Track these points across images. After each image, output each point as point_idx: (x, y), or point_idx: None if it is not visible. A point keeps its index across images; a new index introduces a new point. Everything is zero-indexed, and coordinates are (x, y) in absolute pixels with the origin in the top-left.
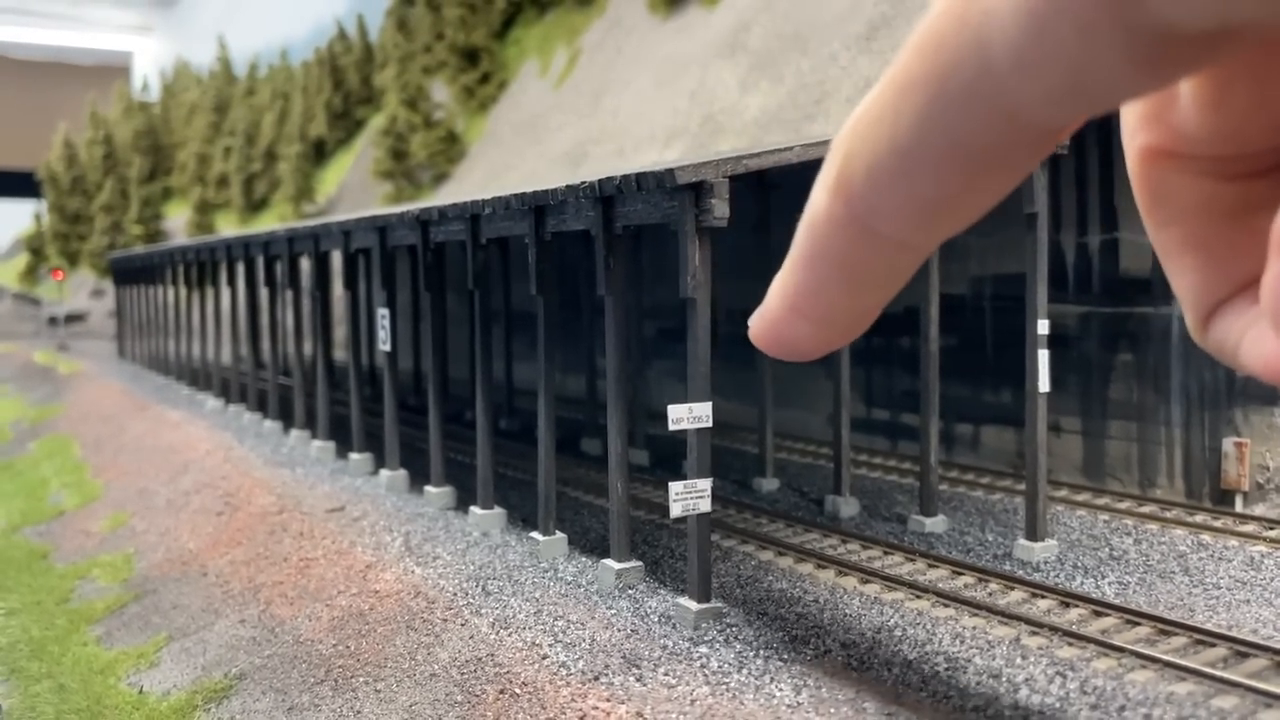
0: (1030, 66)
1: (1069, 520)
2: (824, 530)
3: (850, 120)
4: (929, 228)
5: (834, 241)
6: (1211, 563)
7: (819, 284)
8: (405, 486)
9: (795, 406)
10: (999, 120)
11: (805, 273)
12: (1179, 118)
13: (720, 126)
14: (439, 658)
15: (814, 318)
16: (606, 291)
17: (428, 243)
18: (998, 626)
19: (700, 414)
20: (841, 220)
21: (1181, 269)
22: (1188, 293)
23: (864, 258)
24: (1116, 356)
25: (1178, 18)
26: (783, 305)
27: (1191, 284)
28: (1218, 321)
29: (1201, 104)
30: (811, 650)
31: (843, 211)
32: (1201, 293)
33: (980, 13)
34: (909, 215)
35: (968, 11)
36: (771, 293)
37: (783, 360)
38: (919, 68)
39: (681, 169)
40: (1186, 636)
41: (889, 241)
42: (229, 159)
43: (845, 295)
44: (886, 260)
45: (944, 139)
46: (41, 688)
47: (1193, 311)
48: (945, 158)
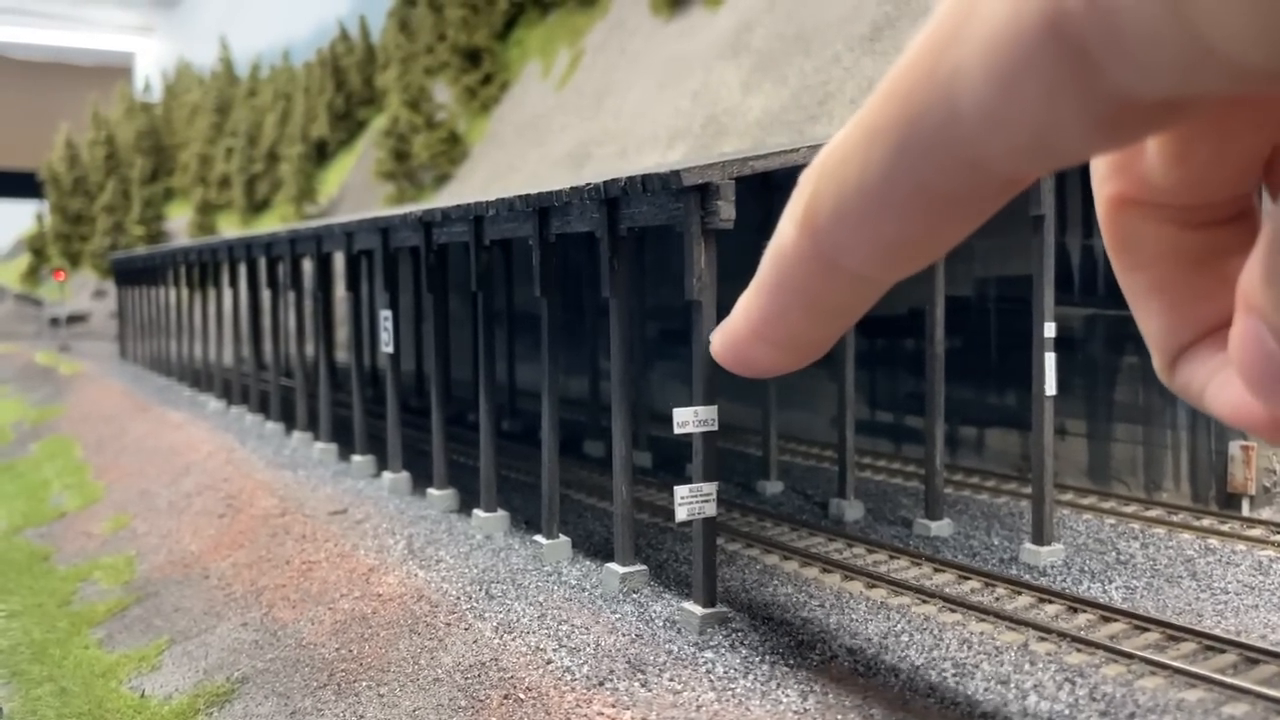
0: (996, 122)
1: (1075, 524)
2: (829, 534)
3: (818, 158)
4: (890, 265)
5: (798, 272)
6: (1219, 567)
7: (781, 311)
8: (408, 489)
9: (798, 408)
10: (964, 169)
11: (769, 299)
12: (1145, 168)
13: (723, 128)
14: (442, 662)
15: (774, 341)
16: (611, 294)
17: (430, 244)
18: (1005, 632)
19: (706, 417)
20: (806, 253)
21: (1149, 312)
22: (1155, 336)
23: (826, 290)
24: (1122, 359)
25: (1137, 87)
26: (745, 328)
27: (1159, 327)
28: (1184, 365)
29: (1166, 157)
30: (818, 655)
31: (808, 245)
32: (1168, 336)
33: (950, 68)
34: (871, 253)
35: (938, 65)
36: (735, 313)
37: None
38: (888, 113)
39: (687, 170)
40: (1195, 642)
41: (851, 276)
42: (231, 160)
43: (806, 323)
44: (847, 293)
45: (909, 183)
46: (43, 691)
47: (1160, 354)
48: (910, 201)
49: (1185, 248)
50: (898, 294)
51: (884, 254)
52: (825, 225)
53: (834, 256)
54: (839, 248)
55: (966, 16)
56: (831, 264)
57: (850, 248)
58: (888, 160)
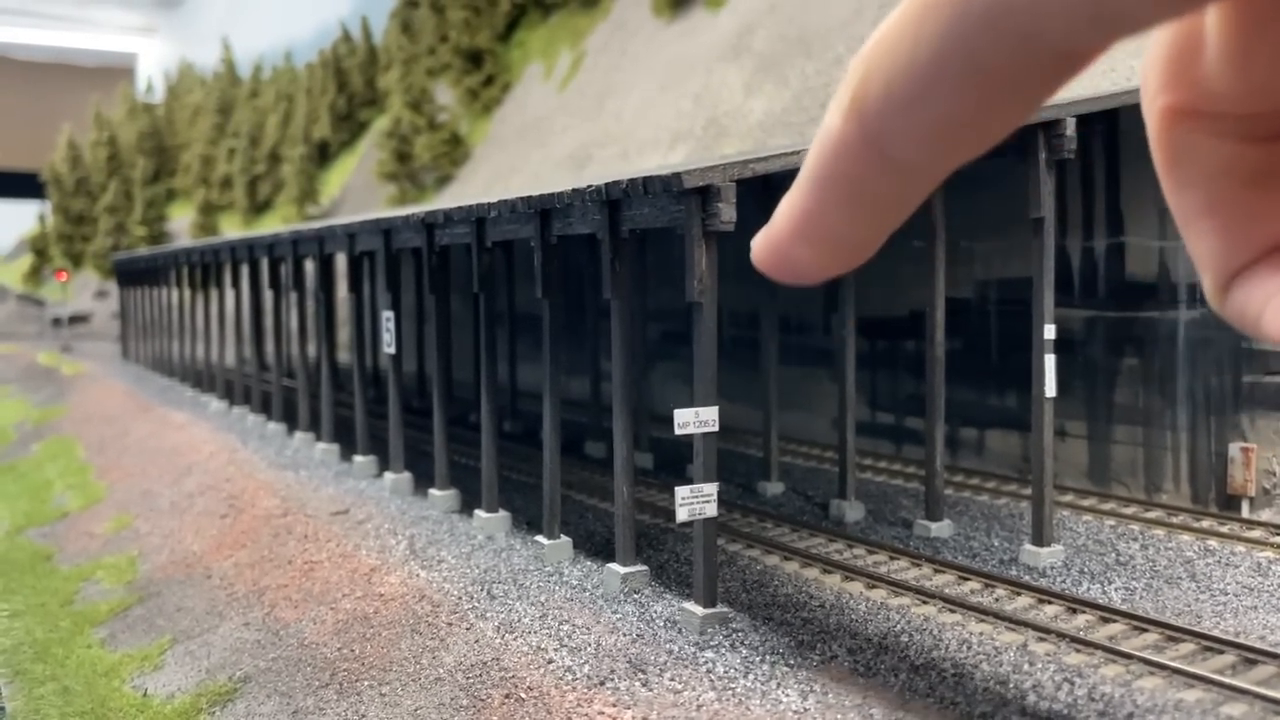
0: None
1: (1075, 525)
2: (829, 535)
3: (869, 41)
4: (941, 152)
5: (842, 163)
6: (1218, 569)
7: (825, 207)
8: (409, 489)
9: (799, 409)
10: (1019, 42)
11: (812, 195)
12: (1203, 74)
13: (724, 129)
14: (444, 662)
15: (816, 240)
16: (612, 295)
17: (433, 245)
18: (1005, 632)
19: (707, 418)
20: (852, 141)
21: (1201, 233)
22: (1207, 257)
23: (871, 180)
24: (1122, 361)
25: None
26: (787, 227)
27: (1211, 248)
28: (1238, 288)
29: (1227, 57)
30: (818, 655)
31: (854, 131)
32: (1221, 258)
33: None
34: (922, 138)
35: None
36: (777, 214)
37: (785, 283)
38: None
39: (688, 173)
40: (1194, 643)
41: (900, 165)
42: (233, 160)
43: (850, 219)
44: (895, 186)
45: (962, 59)
46: (46, 690)
47: (1212, 277)
48: (962, 79)
49: (1242, 164)
50: (898, 296)
51: (933, 138)
52: (873, 109)
53: (881, 142)
54: (886, 133)
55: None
56: (878, 151)
57: (898, 132)
58: (941, 35)
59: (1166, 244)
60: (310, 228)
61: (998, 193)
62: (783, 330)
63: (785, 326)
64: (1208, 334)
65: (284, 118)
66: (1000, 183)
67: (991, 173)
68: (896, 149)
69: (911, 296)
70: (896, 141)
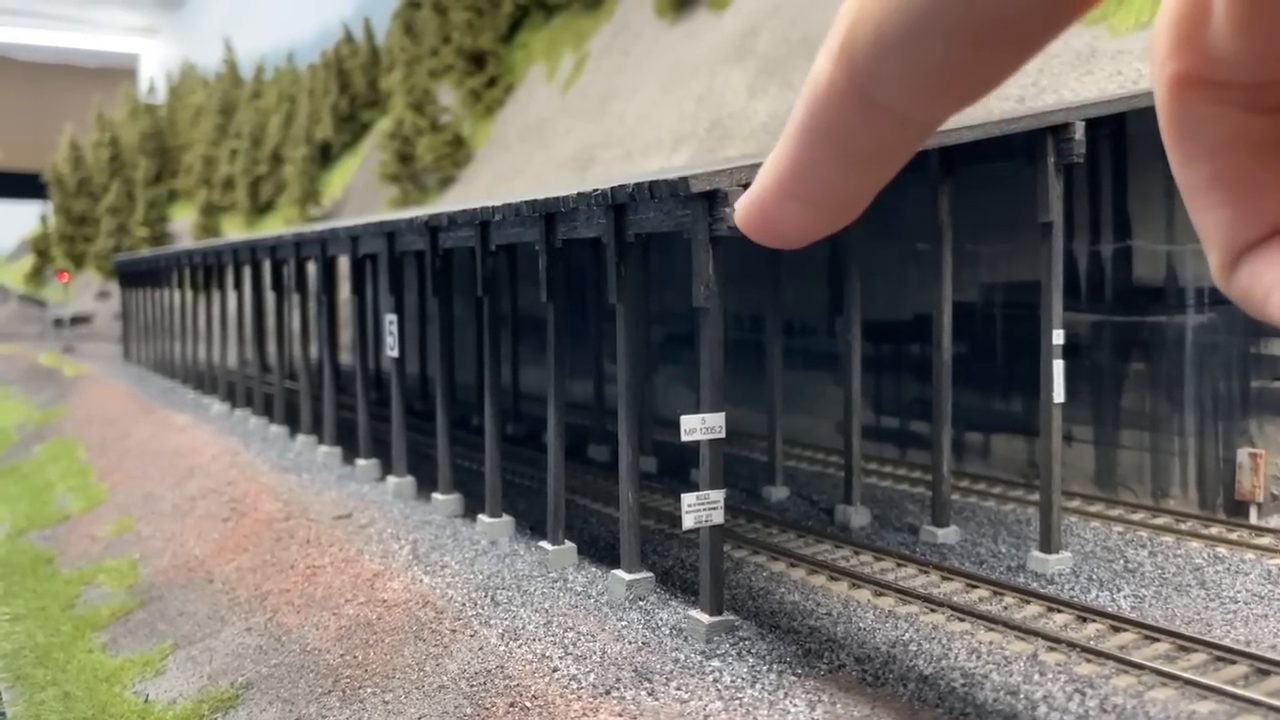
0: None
1: (1083, 531)
2: (836, 541)
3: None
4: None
5: (832, 112)
6: (1228, 576)
7: (812, 159)
8: (412, 493)
9: (803, 413)
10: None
11: (799, 147)
12: (1211, 40)
13: (728, 131)
14: (448, 669)
15: (804, 197)
16: (618, 300)
17: (436, 249)
18: (1014, 642)
19: (713, 425)
20: (841, 88)
21: (1207, 207)
22: (1213, 233)
23: (862, 130)
24: (1129, 365)
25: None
26: (773, 183)
27: (1217, 223)
28: (1245, 266)
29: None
30: (825, 665)
31: (843, 79)
32: (1228, 234)
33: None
34: (912, 85)
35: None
36: (762, 172)
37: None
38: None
39: (695, 177)
40: (1206, 653)
41: (889, 114)
42: (235, 161)
43: (838, 173)
44: (884, 135)
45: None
46: (46, 695)
47: (1218, 254)
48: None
49: (1250, 135)
50: (904, 299)
51: (924, 86)
52: (864, 54)
53: (872, 89)
54: (877, 79)
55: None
56: (869, 99)
57: (890, 79)
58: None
59: (1174, 248)
60: (313, 229)
61: (1004, 195)
62: (787, 333)
63: (789, 329)
64: (1215, 338)
65: (286, 119)
66: (1007, 185)
67: (998, 175)
68: (886, 95)
69: (917, 300)
70: (886, 87)
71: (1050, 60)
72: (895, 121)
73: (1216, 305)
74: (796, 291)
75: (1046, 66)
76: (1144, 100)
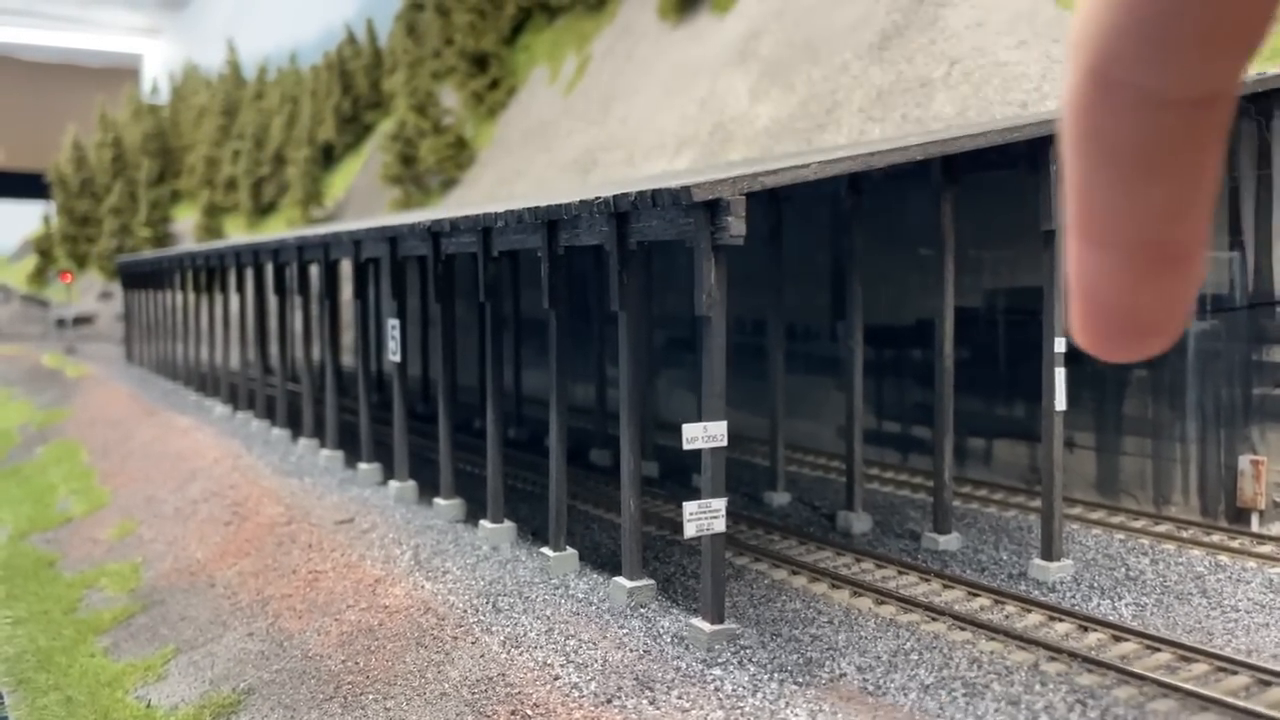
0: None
1: (1084, 539)
2: (837, 549)
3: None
4: (1168, 59)
5: (1084, 114)
6: (1229, 584)
7: (1087, 182)
8: (414, 498)
9: (806, 418)
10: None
11: (1073, 172)
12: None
13: (730, 135)
14: (449, 676)
15: (1099, 237)
16: (620, 307)
17: (439, 254)
18: (1016, 651)
19: (715, 433)
20: (1083, 81)
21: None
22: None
23: (1117, 123)
24: (1131, 372)
25: None
26: (1071, 230)
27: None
28: None
29: None
30: (826, 673)
31: (1082, 71)
32: None
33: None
34: (1143, 43)
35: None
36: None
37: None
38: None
39: (698, 186)
40: (1208, 663)
41: (1136, 92)
42: (237, 162)
43: (1118, 188)
44: (1143, 124)
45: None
46: (49, 700)
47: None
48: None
49: None
50: (906, 304)
51: (1157, 41)
52: (1091, 34)
53: (1109, 69)
54: (1110, 54)
55: None
56: (1110, 81)
57: (1121, 48)
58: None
59: None
60: (316, 234)
61: (1007, 201)
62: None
63: (792, 333)
64: (1218, 345)
65: (289, 120)
66: (1010, 191)
67: (1001, 182)
68: (1124, 69)
69: (920, 305)
70: (1120, 60)
71: (1054, 66)
72: (1144, 98)
73: (1219, 312)
74: (799, 296)
75: (1050, 71)
76: None
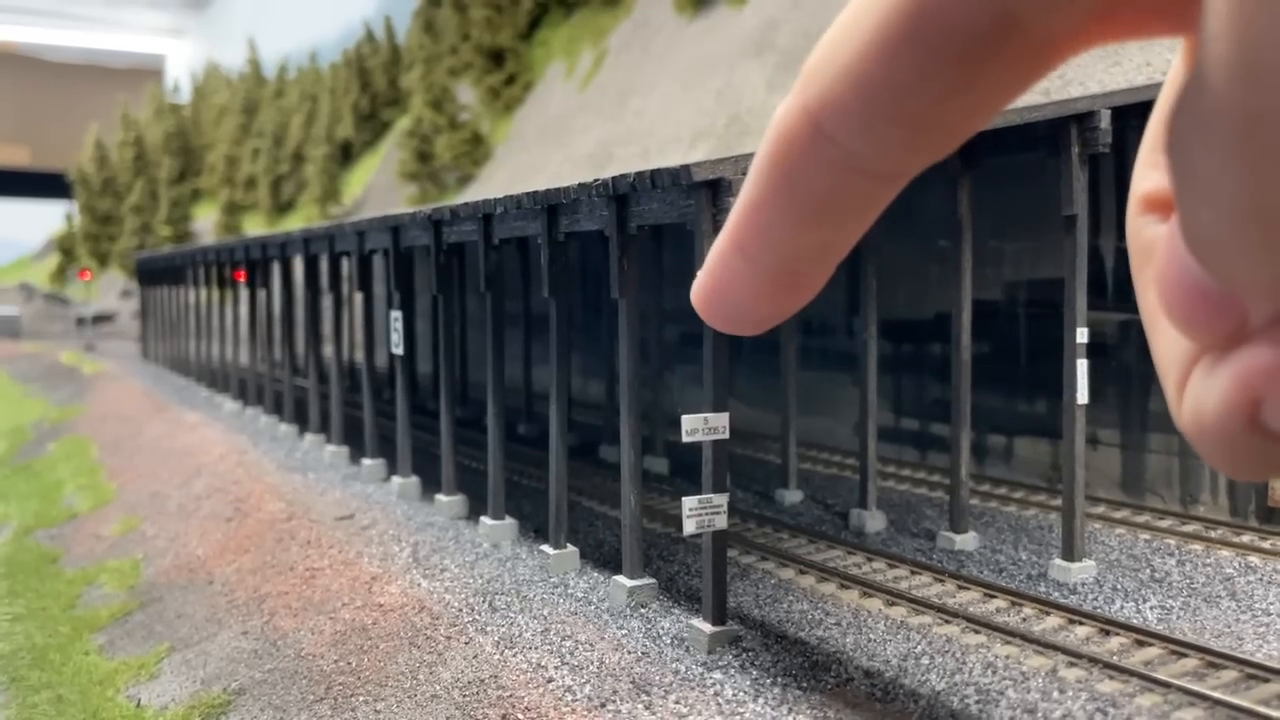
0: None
1: (1107, 539)
2: (848, 547)
3: None
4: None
5: (786, 142)
6: (1260, 587)
7: (762, 201)
8: (417, 494)
9: (820, 414)
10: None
11: (752, 185)
12: None
13: (747, 127)
14: (441, 678)
15: (751, 252)
16: (620, 295)
17: (441, 243)
18: (1033, 656)
19: (716, 425)
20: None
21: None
22: (1164, 359)
23: (809, 166)
24: None
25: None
26: (725, 234)
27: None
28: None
29: None
30: (833, 678)
31: (798, 104)
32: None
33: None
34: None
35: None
36: (722, 230)
37: (720, 328)
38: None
39: (698, 165)
40: (1237, 670)
41: (836, 148)
42: (257, 161)
43: (786, 220)
44: (831, 176)
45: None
46: (40, 698)
47: (1171, 381)
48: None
49: None
50: (924, 297)
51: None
52: (816, 76)
53: (821, 117)
54: (826, 103)
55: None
56: (819, 128)
57: (835, 103)
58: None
59: None
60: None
61: (1028, 190)
62: (804, 332)
63: (806, 328)
64: None
65: (308, 118)
66: (1031, 179)
67: (1021, 168)
68: (833, 124)
69: (938, 298)
70: (833, 114)
71: None
72: (842, 159)
73: None
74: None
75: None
76: None
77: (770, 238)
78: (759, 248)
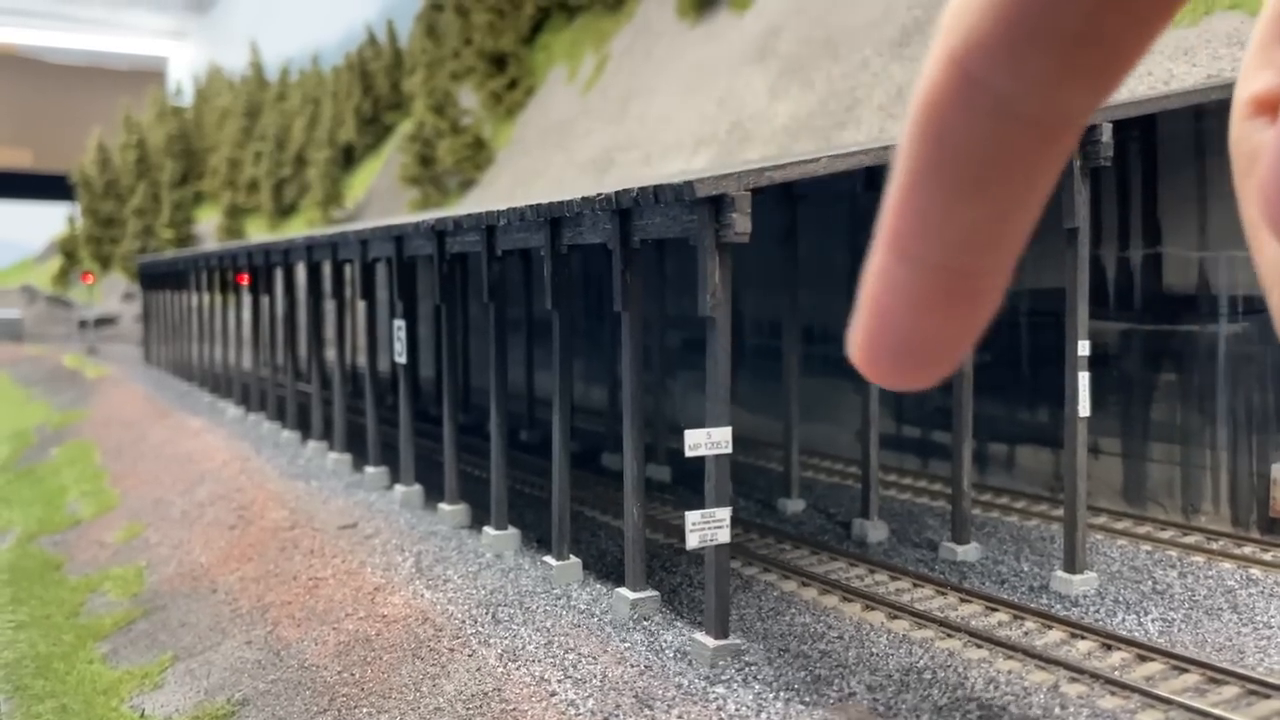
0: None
1: (1109, 550)
2: (851, 559)
3: None
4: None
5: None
6: (1261, 599)
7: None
8: (420, 503)
9: (822, 422)
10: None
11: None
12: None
13: (749, 134)
14: (444, 690)
15: (914, 252)
16: (623, 307)
17: (444, 253)
18: (1035, 671)
19: (719, 439)
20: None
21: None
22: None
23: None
24: (1159, 376)
25: None
26: (880, 241)
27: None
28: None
29: None
30: (835, 692)
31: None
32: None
33: None
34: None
35: None
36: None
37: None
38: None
39: (700, 181)
40: (1239, 685)
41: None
42: (259, 164)
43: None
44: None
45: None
46: (44, 708)
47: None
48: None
49: None
50: None
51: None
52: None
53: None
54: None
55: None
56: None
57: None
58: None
59: (1207, 254)
60: (324, 234)
61: None
62: (807, 339)
63: (809, 335)
64: (1250, 349)
65: (310, 121)
66: None
67: None
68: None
69: None
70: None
71: None
72: (994, 105)
73: (1251, 314)
74: (817, 297)
75: None
76: (1175, 101)
77: (930, 224)
78: (919, 241)
